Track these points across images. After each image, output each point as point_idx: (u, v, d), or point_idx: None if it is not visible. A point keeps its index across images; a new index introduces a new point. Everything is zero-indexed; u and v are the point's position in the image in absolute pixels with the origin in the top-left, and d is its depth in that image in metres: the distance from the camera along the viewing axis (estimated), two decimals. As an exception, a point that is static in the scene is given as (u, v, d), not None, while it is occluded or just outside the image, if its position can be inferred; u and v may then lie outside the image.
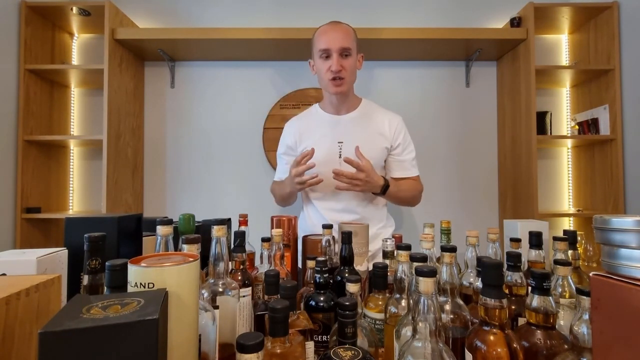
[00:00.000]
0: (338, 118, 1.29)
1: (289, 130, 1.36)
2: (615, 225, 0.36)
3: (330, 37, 1.19)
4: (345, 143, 1.24)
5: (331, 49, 1.18)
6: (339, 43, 1.18)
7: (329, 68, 1.19)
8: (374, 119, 1.30)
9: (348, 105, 1.30)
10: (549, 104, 2.05)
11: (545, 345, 0.47)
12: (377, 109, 1.33)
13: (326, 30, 1.22)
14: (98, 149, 1.84)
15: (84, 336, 0.29)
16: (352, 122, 1.29)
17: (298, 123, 1.35)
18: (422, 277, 0.43)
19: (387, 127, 1.28)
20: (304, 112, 1.40)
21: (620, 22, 1.78)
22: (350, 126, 1.28)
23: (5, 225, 1.67)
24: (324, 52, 1.19)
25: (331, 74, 1.19)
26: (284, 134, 1.37)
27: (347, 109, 1.30)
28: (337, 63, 1.18)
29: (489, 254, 0.74)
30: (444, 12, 2.07)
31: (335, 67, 1.18)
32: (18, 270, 0.52)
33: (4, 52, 1.66)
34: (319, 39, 1.22)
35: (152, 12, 2.04)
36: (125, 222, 0.72)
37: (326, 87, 1.24)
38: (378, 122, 1.29)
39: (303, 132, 1.31)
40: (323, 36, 1.21)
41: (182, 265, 0.40)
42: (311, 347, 0.54)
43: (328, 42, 1.19)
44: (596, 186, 1.87)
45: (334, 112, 1.30)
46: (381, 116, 1.30)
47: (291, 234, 0.95)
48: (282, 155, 1.36)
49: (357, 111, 1.31)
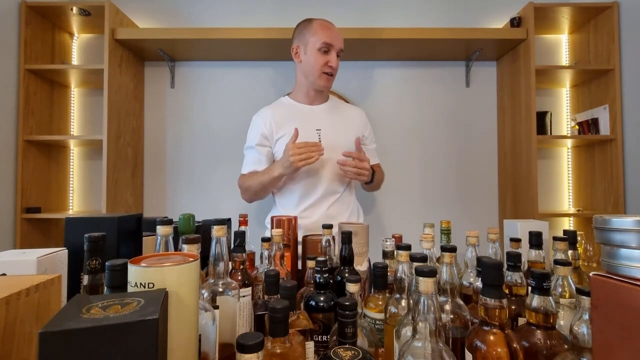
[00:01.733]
0: (312, 108, 1.35)
1: (261, 120, 1.34)
2: (615, 225, 0.36)
3: (334, 34, 1.25)
4: (323, 130, 1.29)
5: (334, 46, 1.24)
6: (340, 43, 1.27)
7: (326, 63, 1.24)
8: (344, 110, 1.42)
9: (321, 98, 1.38)
10: (549, 104, 2.05)
11: (545, 345, 0.47)
12: (343, 103, 1.47)
13: (330, 27, 1.27)
14: (98, 149, 1.84)
15: (84, 336, 0.29)
16: (326, 111, 1.36)
17: (270, 113, 1.34)
18: (422, 277, 0.43)
19: (358, 118, 1.40)
20: (274, 103, 1.42)
21: (620, 22, 1.77)
22: (325, 115, 1.34)
23: (5, 225, 1.67)
24: (326, 46, 1.24)
25: (328, 69, 1.25)
26: (255, 124, 1.36)
27: (320, 101, 1.37)
28: (336, 60, 1.26)
29: (489, 254, 0.74)
30: (444, 12, 2.07)
31: (334, 64, 1.25)
32: (18, 270, 0.52)
33: (4, 52, 1.66)
34: (321, 32, 1.24)
35: (152, 12, 2.04)
36: (125, 222, 0.72)
37: (315, 79, 1.28)
38: (348, 113, 1.41)
39: (278, 121, 1.31)
40: (327, 31, 1.24)
41: (182, 265, 0.40)
42: (311, 347, 0.54)
43: (332, 39, 1.24)
44: (596, 186, 1.87)
45: (307, 103, 1.36)
46: (349, 109, 1.45)
47: (291, 234, 0.95)
48: (256, 146, 1.33)
49: (328, 103, 1.40)
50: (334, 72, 1.28)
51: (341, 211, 1.30)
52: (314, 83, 1.29)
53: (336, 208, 1.30)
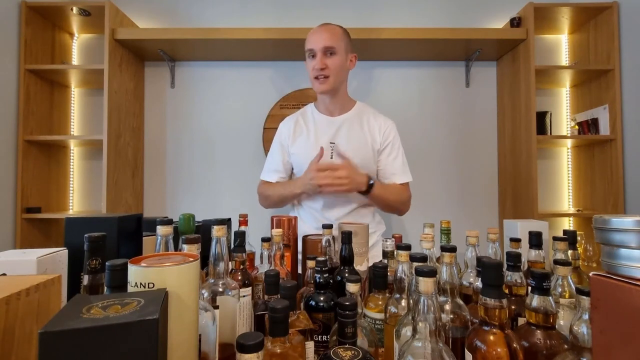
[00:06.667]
0: (331, 119, 1.30)
1: (284, 129, 1.35)
2: (615, 225, 0.36)
3: (315, 37, 1.23)
4: (337, 145, 1.25)
5: (314, 49, 1.21)
6: (322, 42, 1.20)
7: (313, 67, 1.22)
8: (367, 121, 1.30)
9: (341, 106, 1.31)
10: (548, 104, 2.05)
11: (545, 345, 0.47)
12: (370, 112, 1.33)
13: (313, 32, 1.25)
14: (98, 149, 1.84)
15: (84, 336, 0.29)
16: (345, 123, 1.29)
17: (291, 123, 1.35)
18: (422, 277, 0.43)
19: (378, 130, 1.29)
20: (300, 111, 1.40)
21: (620, 22, 1.78)
22: (342, 128, 1.28)
23: (5, 225, 1.67)
24: (310, 51, 1.23)
25: (315, 72, 1.22)
26: (278, 133, 1.37)
27: (340, 111, 1.31)
28: (320, 61, 1.20)
29: (489, 254, 0.74)
30: (444, 12, 2.07)
31: (317, 65, 1.20)
32: (18, 270, 0.52)
33: (4, 52, 1.66)
34: (306, 40, 1.25)
35: (152, 12, 2.04)
36: (125, 222, 0.72)
37: (312, 86, 1.27)
38: (370, 124, 1.30)
39: (296, 131, 1.31)
40: (310, 37, 1.24)
41: (182, 265, 0.40)
42: (311, 347, 0.54)
43: (312, 42, 1.22)
44: (596, 186, 1.87)
45: (327, 114, 1.32)
46: (373, 119, 1.31)
47: (291, 234, 0.95)
48: (275, 154, 1.34)
49: (350, 113, 1.31)
50: (326, 74, 1.20)
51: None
52: (315, 90, 1.28)
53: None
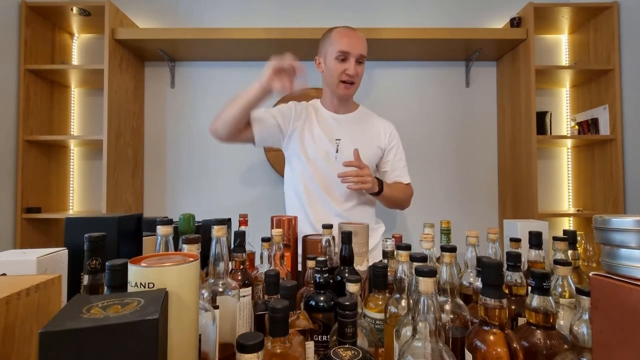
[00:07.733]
0: (337, 117, 1.32)
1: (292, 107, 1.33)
2: (615, 225, 0.36)
3: (352, 41, 1.22)
4: (342, 141, 1.27)
5: (351, 53, 1.21)
6: (359, 49, 1.22)
7: (344, 71, 1.21)
8: (370, 122, 1.35)
9: (347, 107, 1.34)
10: (548, 104, 2.05)
11: (545, 345, 0.47)
12: (372, 115, 1.39)
13: (348, 34, 1.24)
14: (98, 149, 1.84)
15: (84, 336, 0.29)
16: (350, 122, 1.32)
17: (301, 108, 1.33)
18: (422, 277, 0.43)
19: (382, 131, 1.34)
20: (309, 103, 1.39)
21: (620, 22, 1.77)
22: (347, 125, 1.31)
23: (5, 225, 1.67)
24: (343, 54, 1.21)
25: (346, 77, 1.22)
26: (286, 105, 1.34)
27: (345, 111, 1.34)
28: (354, 68, 1.21)
29: (489, 254, 0.74)
30: (444, 12, 2.07)
31: (351, 71, 1.21)
32: (18, 270, 0.52)
33: (4, 52, 1.66)
34: (339, 40, 1.22)
35: (153, 12, 2.04)
36: (125, 222, 0.72)
37: (335, 88, 1.26)
38: (374, 125, 1.35)
39: (302, 119, 1.30)
40: (345, 38, 1.22)
41: (182, 265, 0.40)
42: (311, 347, 0.54)
43: (349, 46, 1.21)
44: (596, 186, 1.87)
45: (332, 111, 1.33)
46: (376, 121, 1.36)
47: (291, 234, 0.95)
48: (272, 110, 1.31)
49: (354, 114, 1.35)
50: (355, 80, 1.23)
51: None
52: (335, 92, 1.27)
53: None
